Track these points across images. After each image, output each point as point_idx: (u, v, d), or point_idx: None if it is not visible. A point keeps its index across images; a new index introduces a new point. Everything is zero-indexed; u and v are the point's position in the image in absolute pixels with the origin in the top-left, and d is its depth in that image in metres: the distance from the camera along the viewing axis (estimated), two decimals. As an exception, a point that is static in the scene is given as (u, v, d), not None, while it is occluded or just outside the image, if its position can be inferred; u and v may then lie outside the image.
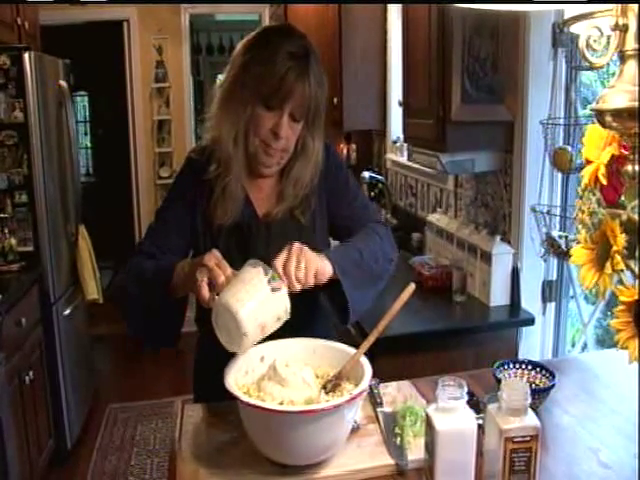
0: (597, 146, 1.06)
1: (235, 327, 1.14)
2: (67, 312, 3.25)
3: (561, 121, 2.15)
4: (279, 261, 1.23)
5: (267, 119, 1.37)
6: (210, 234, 1.47)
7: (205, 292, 1.18)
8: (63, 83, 3.36)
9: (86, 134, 7.60)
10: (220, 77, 1.48)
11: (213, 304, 1.18)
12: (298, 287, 1.23)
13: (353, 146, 4.38)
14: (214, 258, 1.21)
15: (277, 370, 1.19)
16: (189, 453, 1.23)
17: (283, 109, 1.36)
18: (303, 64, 1.35)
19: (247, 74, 1.37)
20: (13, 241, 2.97)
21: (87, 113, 7.56)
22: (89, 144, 7.62)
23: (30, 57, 2.91)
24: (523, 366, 1.46)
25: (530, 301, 2.34)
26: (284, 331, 1.26)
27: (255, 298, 1.15)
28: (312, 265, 1.26)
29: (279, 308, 1.18)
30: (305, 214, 1.52)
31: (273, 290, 1.17)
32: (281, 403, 1.14)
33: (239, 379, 1.21)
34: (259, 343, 1.25)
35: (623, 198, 1.01)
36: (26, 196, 3.00)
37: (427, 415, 1.09)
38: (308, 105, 1.37)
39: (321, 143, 1.48)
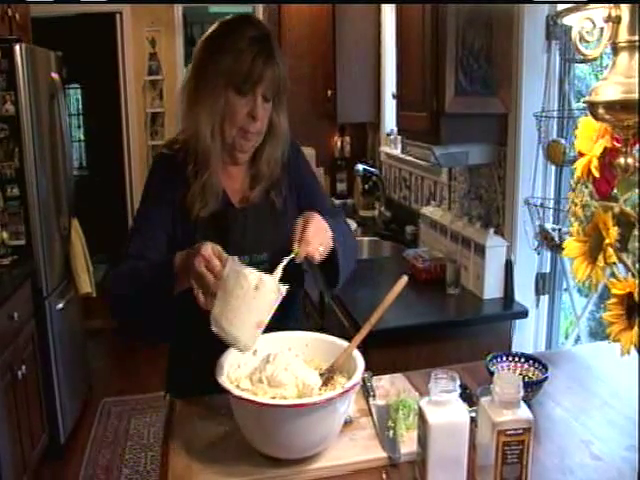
0: (590, 139, 1.06)
1: (234, 343, 1.15)
2: (60, 306, 3.23)
3: (555, 114, 2.15)
4: (307, 235, 1.27)
5: (241, 105, 1.41)
6: (187, 225, 1.47)
7: (202, 301, 1.18)
8: (55, 75, 3.33)
9: (79, 127, 7.55)
10: (185, 74, 1.49)
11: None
12: (319, 259, 1.29)
13: (347, 139, 4.38)
14: (203, 261, 1.17)
15: (269, 363, 1.19)
16: (181, 447, 1.22)
17: (256, 93, 1.40)
18: (268, 47, 1.40)
19: (215, 65, 1.40)
20: (5, 235, 2.95)
21: (80, 106, 7.51)
22: (82, 137, 7.57)
23: (21, 49, 2.88)
24: (516, 359, 1.47)
25: (523, 294, 2.34)
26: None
27: (243, 310, 1.14)
28: (327, 237, 1.33)
29: (269, 299, 1.16)
30: (279, 197, 1.55)
31: (256, 289, 1.14)
32: (273, 397, 1.13)
33: (231, 372, 1.21)
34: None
35: (615, 191, 1.01)
36: (18, 189, 2.98)
37: (420, 408, 1.09)
38: (277, 85, 1.43)
39: (286, 120, 1.52)
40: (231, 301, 1.13)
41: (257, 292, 1.14)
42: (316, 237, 1.29)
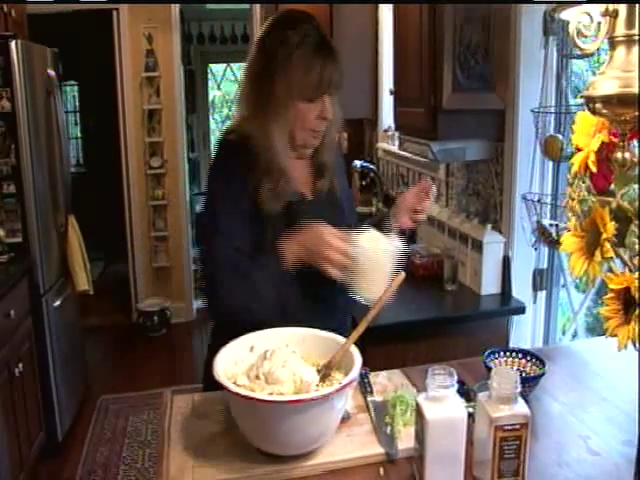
0: (587, 133, 1.06)
1: (373, 304, 1.33)
2: (57, 303, 3.23)
3: (552, 109, 2.15)
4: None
5: (312, 111, 1.44)
6: (259, 217, 1.46)
7: (337, 276, 1.36)
8: (51, 72, 3.32)
9: (76, 124, 7.53)
10: (241, 76, 1.53)
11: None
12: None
13: (344, 135, 4.35)
14: (337, 251, 1.33)
15: (266, 360, 1.18)
16: (179, 444, 1.22)
17: (324, 96, 1.44)
18: (330, 48, 1.44)
19: (283, 78, 1.41)
20: (1, 232, 2.94)
21: (77, 103, 7.48)
22: (79, 134, 7.54)
23: (17, 45, 2.87)
24: (513, 354, 1.46)
25: (521, 290, 2.34)
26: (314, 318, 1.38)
27: (374, 280, 1.35)
28: None
29: (391, 262, 1.37)
30: (336, 183, 1.61)
31: (378, 261, 1.34)
32: (270, 393, 1.13)
33: (228, 369, 1.21)
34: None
35: (613, 186, 1.01)
36: (14, 186, 2.97)
37: (417, 404, 1.09)
38: (341, 79, 1.47)
39: (336, 103, 1.54)
40: (362, 276, 1.35)
41: (380, 264, 1.34)
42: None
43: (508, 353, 1.47)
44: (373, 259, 1.33)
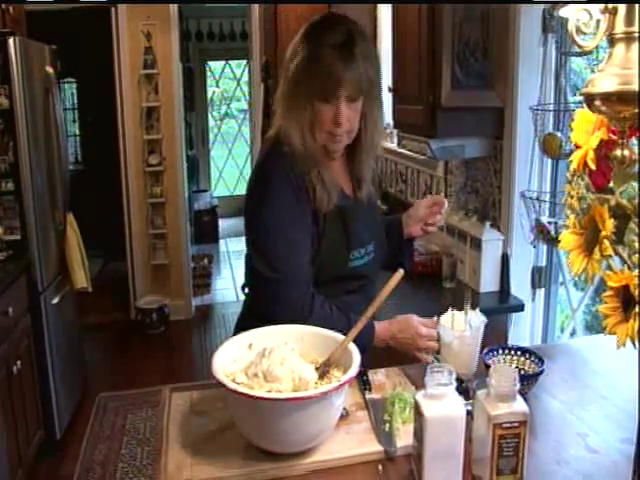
0: (586, 131, 1.05)
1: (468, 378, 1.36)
2: (55, 301, 3.22)
3: (551, 107, 2.15)
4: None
5: (326, 111, 1.44)
6: (317, 224, 1.48)
7: (426, 360, 1.50)
8: (49, 69, 3.31)
9: (74, 121, 7.50)
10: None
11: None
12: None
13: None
14: (426, 338, 1.48)
15: (265, 357, 1.18)
16: (177, 441, 1.22)
17: (338, 97, 1.42)
18: (347, 50, 1.41)
19: (298, 74, 1.44)
20: (0, 229, 2.94)
21: (75, 100, 7.46)
22: (77, 132, 7.52)
23: (15, 42, 2.86)
24: (512, 352, 1.46)
25: (520, 287, 2.35)
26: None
27: (464, 359, 1.35)
28: None
29: (478, 340, 1.37)
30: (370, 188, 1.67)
31: (461, 343, 1.33)
32: (269, 391, 1.13)
33: (227, 366, 1.20)
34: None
35: (612, 183, 1.01)
36: (12, 184, 2.96)
37: (416, 401, 1.09)
38: (361, 84, 1.43)
39: (381, 110, 1.56)
40: (452, 358, 1.35)
41: (464, 344, 1.34)
42: None
43: (507, 351, 1.47)
44: (456, 336, 1.36)
